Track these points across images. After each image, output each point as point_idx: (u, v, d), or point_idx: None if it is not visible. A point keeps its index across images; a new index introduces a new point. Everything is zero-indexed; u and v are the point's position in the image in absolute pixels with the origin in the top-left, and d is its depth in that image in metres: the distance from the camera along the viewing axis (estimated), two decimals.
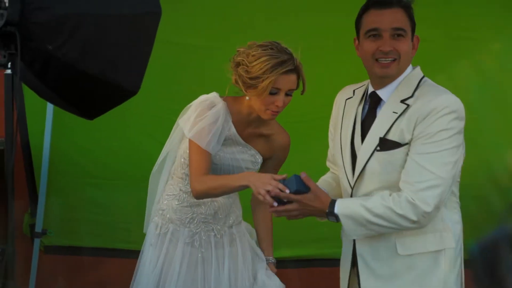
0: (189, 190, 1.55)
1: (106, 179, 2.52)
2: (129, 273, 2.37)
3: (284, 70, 1.42)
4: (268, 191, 1.23)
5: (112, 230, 2.52)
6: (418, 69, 1.31)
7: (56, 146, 2.45)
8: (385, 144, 1.26)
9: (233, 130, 1.58)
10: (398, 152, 1.24)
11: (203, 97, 1.56)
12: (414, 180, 1.16)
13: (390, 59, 1.22)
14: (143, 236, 2.04)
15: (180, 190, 1.60)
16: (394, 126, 1.24)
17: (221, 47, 2.27)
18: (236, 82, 1.48)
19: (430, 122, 1.18)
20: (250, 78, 1.41)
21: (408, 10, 1.26)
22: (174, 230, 1.60)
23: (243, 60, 1.44)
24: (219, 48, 2.30)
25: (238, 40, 2.14)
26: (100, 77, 1.21)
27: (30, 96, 2.20)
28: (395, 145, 1.25)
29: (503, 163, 2.38)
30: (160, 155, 1.68)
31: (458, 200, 1.32)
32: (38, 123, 2.44)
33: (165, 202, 1.62)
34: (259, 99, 1.43)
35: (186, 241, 1.60)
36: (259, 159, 1.65)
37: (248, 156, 1.65)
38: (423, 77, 1.29)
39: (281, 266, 1.80)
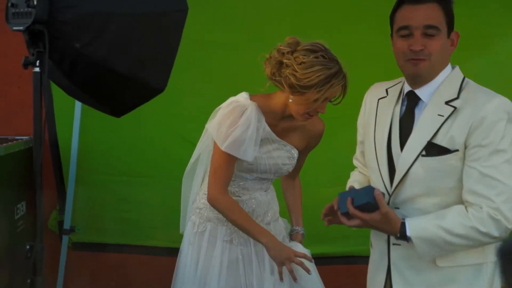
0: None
1: (133, 176, 2.55)
2: (155, 269, 2.38)
3: (338, 84, 1.40)
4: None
5: (138, 227, 2.55)
6: (457, 69, 1.25)
7: (84, 144, 2.50)
8: (432, 149, 1.20)
9: (268, 129, 1.56)
10: (447, 159, 1.19)
11: (232, 100, 1.54)
12: (492, 194, 1.11)
13: (421, 58, 1.17)
14: (168, 233, 2.03)
15: None
16: (441, 130, 1.19)
17: (248, 45, 2.29)
18: (277, 80, 1.45)
19: (490, 129, 1.12)
20: (300, 86, 1.38)
21: (445, 5, 1.19)
22: (212, 229, 1.61)
23: (291, 63, 1.40)
24: (245, 45, 2.33)
25: (265, 37, 2.13)
26: (127, 75, 1.23)
27: (58, 93, 2.26)
28: (443, 151, 1.20)
29: None
30: (192, 156, 1.70)
31: None
32: (66, 121, 2.49)
33: (202, 201, 1.63)
34: (303, 105, 1.42)
35: (224, 239, 1.60)
36: (295, 154, 1.63)
37: (284, 152, 1.63)
38: (464, 77, 1.24)
39: None
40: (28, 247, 1.20)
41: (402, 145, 1.26)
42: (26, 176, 2.22)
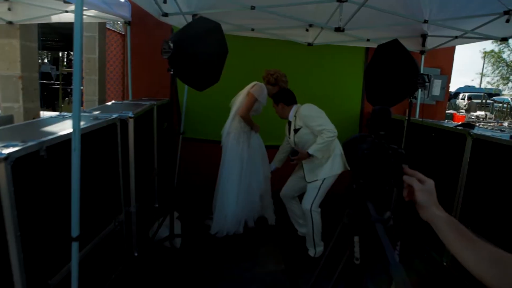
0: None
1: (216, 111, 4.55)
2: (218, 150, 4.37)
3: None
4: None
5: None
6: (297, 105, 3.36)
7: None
8: (296, 130, 3.34)
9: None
10: (302, 131, 3.29)
11: (254, 83, 3.75)
12: (322, 132, 3.17)
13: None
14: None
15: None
16: (296, 123, 3.34)
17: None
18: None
19: (308, 117, 3.26)
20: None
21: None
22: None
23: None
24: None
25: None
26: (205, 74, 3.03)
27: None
28: (298, 130, 3.32)
29: None
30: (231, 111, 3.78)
31: None
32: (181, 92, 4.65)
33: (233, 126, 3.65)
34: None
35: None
36: None
37: None
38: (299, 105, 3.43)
39: None
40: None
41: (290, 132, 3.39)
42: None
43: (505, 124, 12.83)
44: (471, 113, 17.58)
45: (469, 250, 0.88)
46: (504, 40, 3.60)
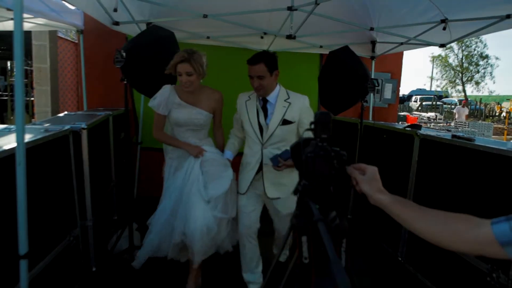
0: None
1: None
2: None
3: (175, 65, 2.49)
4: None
5: None
6: (280, 85, 2.55)
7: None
8: (284, 122, 2.44)
9: (178, 100, 2.64)
10: (291, 126, 2.46)
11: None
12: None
13: (259, 88, 2.40)
14: None
15: None
16: (286, 113, 2.44)
17: None
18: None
19: (308, 113, 2.47)
20: None
21: (267, 62, 2.36)
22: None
23: None
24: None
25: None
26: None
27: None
28: (289, 122, 2.45)
29: None
30: None
31: None
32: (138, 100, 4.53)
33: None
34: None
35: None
36: (204, 112, 2.71)
37: (194, 113, 2.67)
38: (285, 89, 2.56)
39: None
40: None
41: (265, 119, 2.46)
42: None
43: (452, 124, 13.65)
44: (423, 114, 18.52)
45: (420, 220, 0.94)
46: (443, 45, 3.87)
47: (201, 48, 4.41)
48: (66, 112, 3.73)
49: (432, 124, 14.13)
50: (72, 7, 4.14)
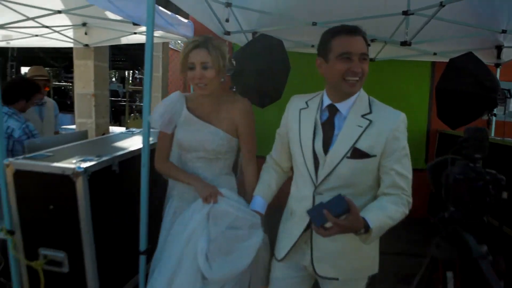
0: None
1: None
2: None
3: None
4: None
5: None
6: (362, 89, 1.40)
7: None
8: (355, 153, 1.31)
9: (186, 112, 1.73)
10: (367, 162, 1.32)
11: None
12: (405, 186, 1.29)
13: (356, 78, 1.28)
14: None
15: None
16: (361, 138, 1.31)
17: None
18: None
19: (401, 139, 1.31)
20: None
21: (366, 38, 1.34)
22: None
23: None
24: None
25: None
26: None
27: None
28: (364, 155, 1.31)
29: None
30: None
31: None
32: None
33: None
34: None
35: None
36: (220, 133, 1.71)
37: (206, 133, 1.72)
38: (368, 96, 1.42)
39: None
40: None
41: (325, 145, 1.34)
42: None
43: None
44: None
45: None
46: None
47: (306, 57, 4.35)
48: None
49: None
50: (185, 20, 4.45)
